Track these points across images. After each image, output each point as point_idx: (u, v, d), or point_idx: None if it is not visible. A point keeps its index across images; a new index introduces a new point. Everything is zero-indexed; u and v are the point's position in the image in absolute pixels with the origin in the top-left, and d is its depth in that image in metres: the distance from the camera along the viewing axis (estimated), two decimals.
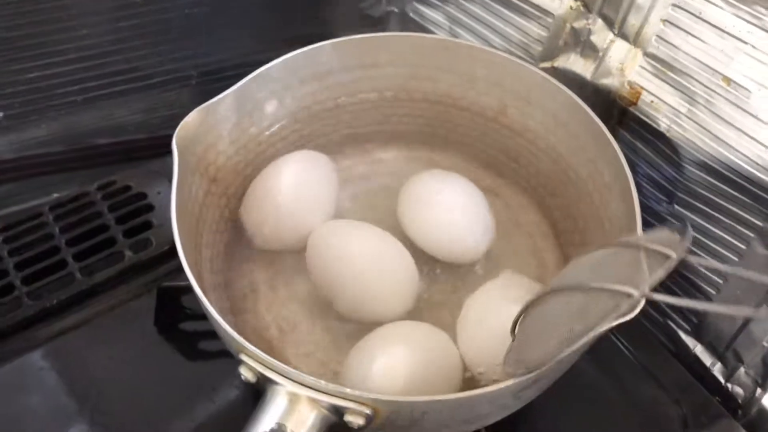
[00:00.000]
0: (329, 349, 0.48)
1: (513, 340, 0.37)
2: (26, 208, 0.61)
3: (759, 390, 0.49)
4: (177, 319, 0.53)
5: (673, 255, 0.31)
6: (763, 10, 0.42)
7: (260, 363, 0.35)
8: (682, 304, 0.36)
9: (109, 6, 0.58)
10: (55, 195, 0.62)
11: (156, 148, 0.65)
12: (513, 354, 0.37)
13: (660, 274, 0.31)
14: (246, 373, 0.36)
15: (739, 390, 0.50)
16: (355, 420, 0.34)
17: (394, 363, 0.42)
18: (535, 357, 0.34)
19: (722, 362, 0.51)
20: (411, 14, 0.66)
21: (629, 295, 0.31)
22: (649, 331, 0.56)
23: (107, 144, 0.66)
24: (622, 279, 0.32)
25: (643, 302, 0.31)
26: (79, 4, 0.56)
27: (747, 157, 0.44)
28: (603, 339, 0.36)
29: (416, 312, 0.48)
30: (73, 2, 0.56)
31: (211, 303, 0.38)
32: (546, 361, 0.33)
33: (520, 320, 0.37)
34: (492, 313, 0.45)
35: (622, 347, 0.53)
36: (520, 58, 0.56)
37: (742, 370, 0.50)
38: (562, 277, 0.39)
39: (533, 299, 0.36)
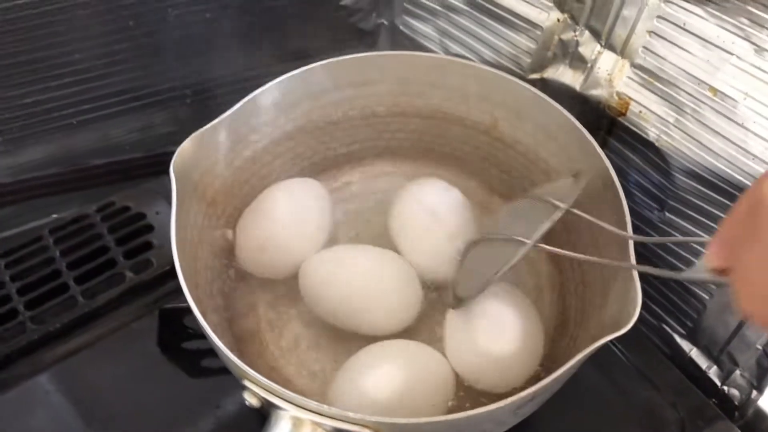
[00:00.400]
0: (333, 368, 0.48)
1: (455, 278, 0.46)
2: (26, 230, 0.62)
3: (755, 392, 0.50)
4: (179, 338, 0.53)
5: (562, 206, 0.40)
6: (746, 21, 0.42)
7: (263, 388, 0.36)
8: (576, 257, 0.42)
9: (101, 30, 0.58)
10: (54, 216, 0.63)
11: (153, 167, 0.65)
12: (451, 289, 0.46)
13: (546, 225, 0.40)
14: (250, 399, 0.36)
15: (735, 392, 0.51)
16: None
17: (382, 381, 0.43)
18: (464, 292, 0.45)
19: (718, 365, 0.52)
20: (401, 27, 0.67)
21: (523, 243, 0.40)
22: (645, 335, 0.56)
23: (104, 164, 0.66)
24: (530, 229, 0.40)
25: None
26: (72, 30, 0.57)
27: (734, 165, 0.44)
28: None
29: (414, 328, 0.49)
30: (66, 28, 0.56)
31: (212, 325, 0.38)
32: (471, 296, 0.44)
33: (460, 262, 0.46)
34: (476, 320, 0.46)
35: (618, 352, 0.54)
36: (509, 70, 0.57)
37: (737, 372, 0.50)
38: (491, 224, 0.49)
39: (468, 244, 0.46)
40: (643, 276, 0.53)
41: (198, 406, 0.51)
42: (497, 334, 0.46)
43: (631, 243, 0.41)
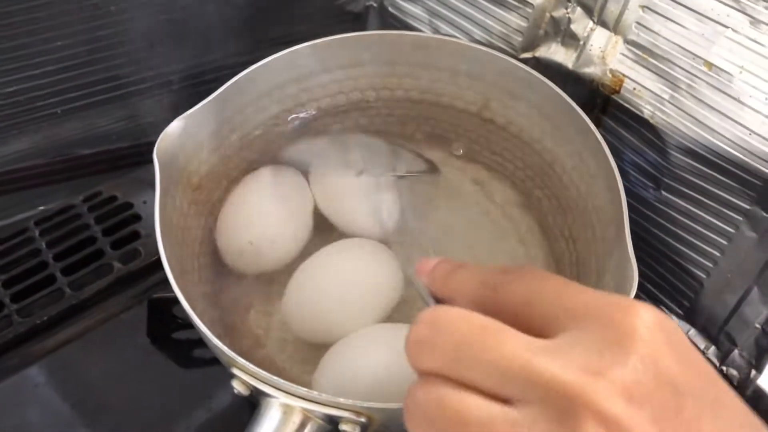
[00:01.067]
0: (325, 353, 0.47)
1: None
2: (12, 222, 0.61)
3: (754, 371, 0.49)
4: (169, 328, 0.53)
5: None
6: None
7: (252, 376, 0.35)
8: None
9: (82, 16, 0.57)
10: (41, 207, 0.62)
11: (140, 156, 0.64)
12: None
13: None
14: (239, 387, 0.36)
15: (734, 372, 0.50)
16: (351, 429, 0.34)
17: (370, 364, 0.42)
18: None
19: (716, 345, 0.51)
20: (390, 8, 0.66)
21: None
22: None
23: (90, 154, 0.65)
24: None
25: None
26: (53, 16, 0.56)
27: (731, 140, 0.44)
28: None
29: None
30: (47, 14, 0.55)
31: (200, 314, 0.38)
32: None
33: None
34: None
35: None
36: (501, 49, 0.56)
37: (735, 352, 0.50)
38: None
39: None
40: (637, 255, 0.53)
41: (190, 397, 0.50)
42: None
43: (626, 224, 0.41)
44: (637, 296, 0.54)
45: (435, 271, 0.28)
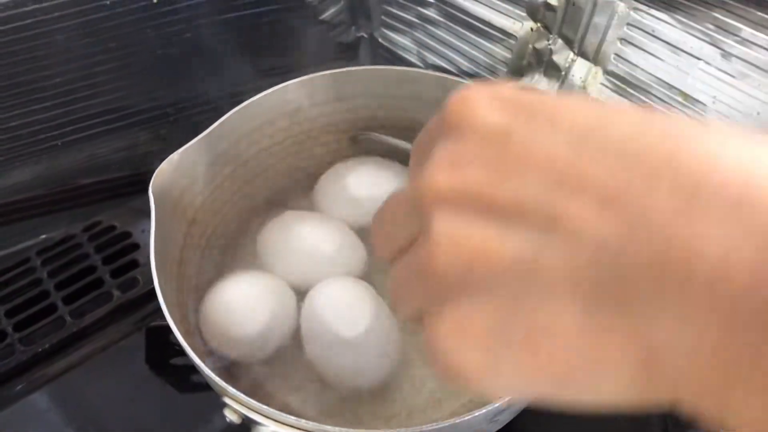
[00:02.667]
0: (316, 381, 0.48)
1: None
2: (13, 252, 0.62)
3: None
4: (167, 355, 0.54)
5: None
6: (712, 26, 0.43)
7: (243, 405, 0.36)
8: None
9: (82, 52, 0.59)
10: (43, 236, 0.63)
11: (138, 185, 0.65)
12: None
13: None
14: (230, 415, 0.37)
15: None
16: None
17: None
18: None
19: None
20: (380, 40, 0.67)
21: None
22: None
23: (90, 183, 0.67)
24: None
25: None
26: (53, 53, 0.57)
27: None
28: None
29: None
30: (47, 52, 0.57)
31: (193, 344, 0.39)
32: None
33: None
34: None
35: None
36: (487, 79, 0.58)
37: None
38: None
39: None
40: None
41: (187, 421, 0.51)
42: None
43: None
44: None
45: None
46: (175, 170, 0.46)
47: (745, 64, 0.42)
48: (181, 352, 0.53)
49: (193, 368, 0.53)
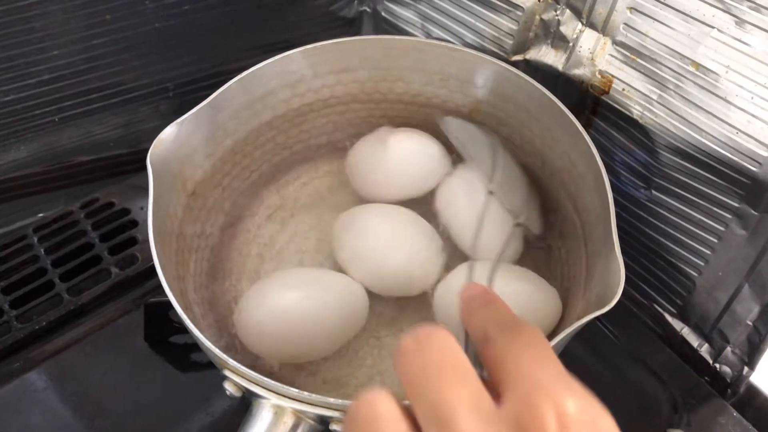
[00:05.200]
0: (319, 359, 0.48)
1: None
2: (11, 229, 0.62)
3: (746, 368, 0.49)
4: (166, 332, 0.53)
5: None
6: None
7: (243, 377, 0.36)
8: None
9: (78, 25, 0.58)
10: (40, 215, 0.63)
11: (137, 162, 0.64)
12: None
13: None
14: (230, 388, 0.36)
15: (726, 369, 0.51)
16: (341, 429, 0.35)
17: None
18: None
19: (709, 343, 0.52)
20: (383, 13, 0.66)
21: None
22: (636, 315, 0.56)
23: (88, 161, 0.66)
24: None
25: None
26: (49, 26, 0.56)
27: (718, 139, 0.44)
28: (589, 326, 0.37)
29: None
30: (42, 24, 0.56)
31: (194, 318, 0.38)
32: None
33: None
34: None
35: (608, 333, 0.54)
36: (492, 52, 0.57)
37: (728, 349, 0.50)
38: None
39: None
40: (629, 254, 0.53)
41: (187, 400, 0.51)
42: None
43: (613, 224, 0.41)
44: (631, 296, 0.55)
45: (469, 301, 0.28)
46: (174, 141, 0.45)
47: (760, 32, 0.41)
48: (180, 330, 0.53)
49: (192, 346, 0.53)
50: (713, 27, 0.43)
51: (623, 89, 0.49)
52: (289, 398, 0.35)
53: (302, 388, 0.35)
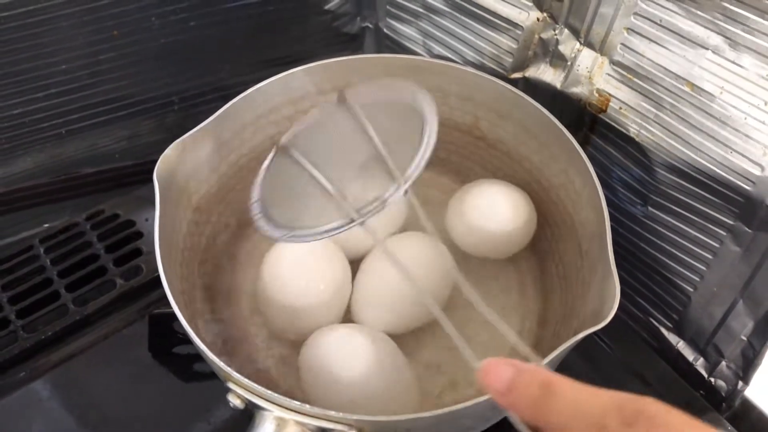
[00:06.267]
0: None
1: None
2: (17, 240, 0.62)
3: (741, 383, 0.50)
4: (170, 343, 0.54)
5: None
6: (720, 16, 0.43)
7: (246, 390, 0.36)
8: None
9: (85, 40, 0.59)
10: (46, 225, 0.63)
11: (143, 174, 0.65)
12: None
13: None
14: (234, 400, 0.37)
15: (721, 383, 0.51)
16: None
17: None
18: None
19: (704, 357, 0.52)
20: (386, 30, 0.67)
21: None
22: (632, 328, 0.57)
23: (94, 173, 0.67)
24: None
25: None
26: (56, 41, 0.57)
27: (713, 158, 0.45)
28: (586, 339, 0.37)
29: None
30: (50, 39, 0.57)
31: (199, 331, 0.39)
32: None
33: None
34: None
35: (605, 346, 0.54)
36: (492, 70, 0.58)
37: (723, 364, 0.51)
38: None
39: None
40: (626, 269, 0.54)
41: (189, 410, 0.51)
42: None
43: (609, 240, 0.42)
44: (628, 310, 0.56)
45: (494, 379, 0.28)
46: (180, 156, 0.46)
47: (754, 54, 0.42)
48: (184, 341, 0.54)
49: (195, 357, 0.54)
50: (708, 49, 0.44)
51: (620, 108, 0.50)
52: (292, 410, 0.35)
53: None
